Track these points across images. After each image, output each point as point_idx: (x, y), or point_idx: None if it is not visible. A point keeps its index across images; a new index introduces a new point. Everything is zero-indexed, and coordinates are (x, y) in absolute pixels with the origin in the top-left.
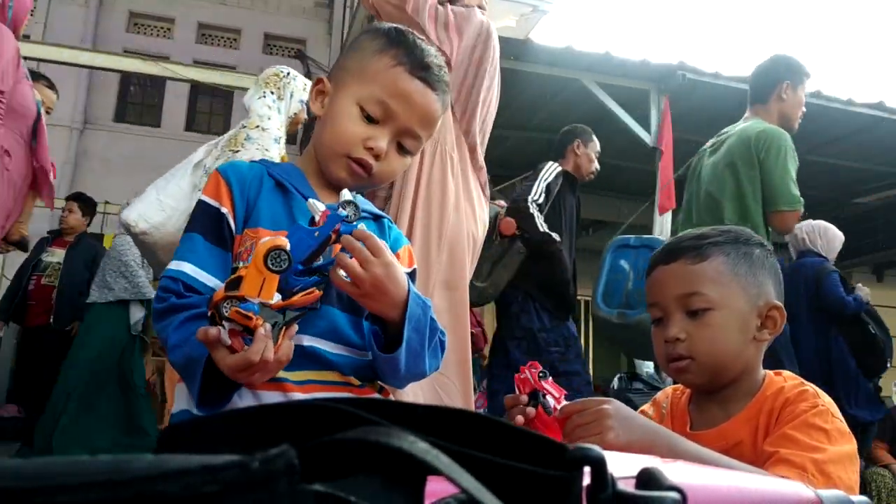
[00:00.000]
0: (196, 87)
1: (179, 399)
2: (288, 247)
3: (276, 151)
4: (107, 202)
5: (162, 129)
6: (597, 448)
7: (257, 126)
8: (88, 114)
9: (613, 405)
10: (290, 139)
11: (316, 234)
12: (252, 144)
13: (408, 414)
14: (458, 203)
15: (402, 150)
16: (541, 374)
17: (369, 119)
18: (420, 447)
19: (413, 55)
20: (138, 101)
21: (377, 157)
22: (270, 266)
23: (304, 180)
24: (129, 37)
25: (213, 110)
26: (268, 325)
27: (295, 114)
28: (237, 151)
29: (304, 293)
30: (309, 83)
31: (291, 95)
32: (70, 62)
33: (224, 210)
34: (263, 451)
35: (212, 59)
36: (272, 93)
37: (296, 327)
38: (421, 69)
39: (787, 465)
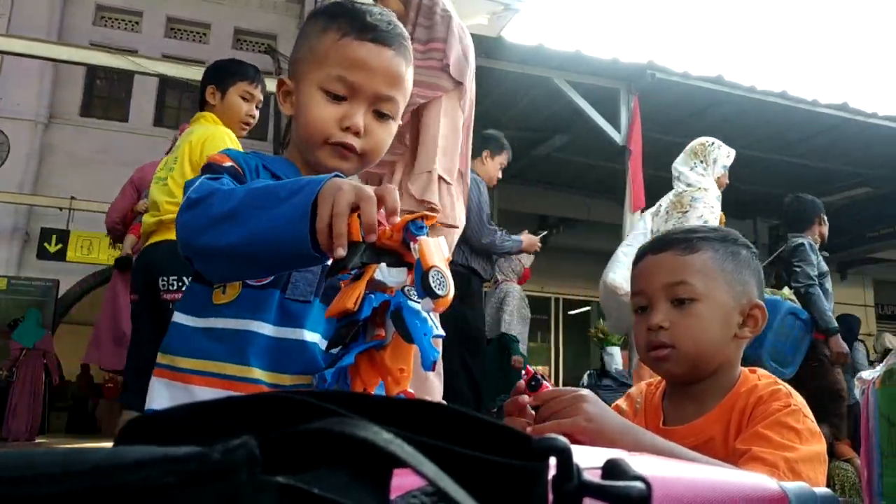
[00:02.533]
0: (165, 82)
1: (154, 398)
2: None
3: (718, 208)
4: (73, 197)
5: (129, 124)
6: (562, 438)
7: (699, 188)
8: (54, 107)
9: (589, 393)
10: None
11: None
12: (699, 203)
13: (373, 406)
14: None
15: (382, 116)
16: (532, 383)
17: (336, 98)
18: (383, 437)
19: (356, 20)
20: (105, 94)
21: (357, 133)
22: (431, 284)
23: (298, 174)
24: (96, 30)
25: (181, 105)
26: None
27: (718, 177)
28: (686, 212)
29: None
30: (732, 151)
31: (715, 161)
32: (35, 55)
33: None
34: (224, 442)
35: (181, 53)
36: (701, 161)
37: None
38: (368, 31)
39: (759, 463)
